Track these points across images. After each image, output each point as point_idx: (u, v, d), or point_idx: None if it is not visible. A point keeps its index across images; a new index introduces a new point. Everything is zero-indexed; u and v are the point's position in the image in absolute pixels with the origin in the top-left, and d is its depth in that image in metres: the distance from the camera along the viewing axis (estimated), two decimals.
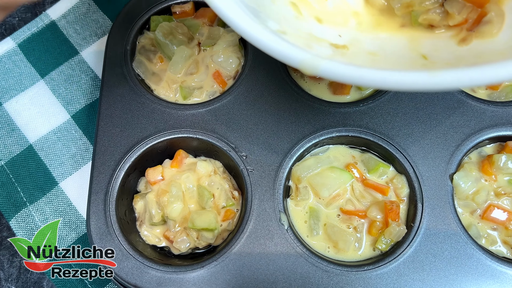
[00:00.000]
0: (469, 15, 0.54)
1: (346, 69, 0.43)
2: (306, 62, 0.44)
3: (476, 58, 0.49)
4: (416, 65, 0.51)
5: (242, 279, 0.64)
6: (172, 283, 0.66)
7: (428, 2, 0.57)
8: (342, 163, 0.72)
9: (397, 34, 0.59)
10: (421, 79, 0.40)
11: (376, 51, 0.54)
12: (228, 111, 0.75)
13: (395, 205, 0.67)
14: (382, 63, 0.52)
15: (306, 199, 0.70)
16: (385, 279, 0.64)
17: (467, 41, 0.53)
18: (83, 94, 0.88)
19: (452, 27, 0.55)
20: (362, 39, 0.57)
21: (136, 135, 0.74)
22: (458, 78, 0.39)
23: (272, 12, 0.54)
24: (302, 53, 0.45)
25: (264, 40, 0.47)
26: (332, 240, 0.67)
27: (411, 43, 0.57)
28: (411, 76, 0.41)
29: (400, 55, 0.54)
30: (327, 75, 0.44)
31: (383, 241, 0.66)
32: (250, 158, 0.72)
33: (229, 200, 0.72)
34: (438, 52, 0.53)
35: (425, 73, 0.40)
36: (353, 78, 0.43)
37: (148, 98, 0.77)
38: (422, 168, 0.70)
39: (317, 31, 0.55)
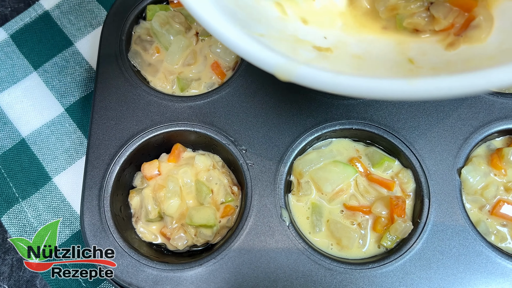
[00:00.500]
0: (455, 20, 0.52)
1: (322, 76, 0.41)
2: (281, 67, 0.42)
3: (465, 63, 0.48)
4: (401, 70, 0.49)
5: (242, 277, 0.63)
6: (169, 281, 0.64)
7: (413, 5, 0.54)
8: (345, 157, 0.71)
9: (383, 37, 0.57)
10: (399, 87, 0.38)
11: (361, 54, 0.53)
12: (227, 103, 0.73)
13: (401, 201, 0.66)
14: (366, 67, 0.50)
15: (308, 194, 0.68)
16: (390, 278, 0.62)
17: (455, 46, 0.51)
18: (78, 87, 0.87)
19: (438, 32, 0.53)
20: (348, 41, 0.55)
21: (132, 128, 0.72)
22: (438, 87, 0.37)
23: (254, 13, 0.52)
24: (278, 58, 0.43)
25: (237, 42, 0.44)
26: (335, 237, 0.65)
27: (398, 46, 0.55)
28: (388, 84, 0.38)
29: (386, 59, 0.52)
30: (302, 81, 0.42)
31: (388, 238, 0.65)
32: (250, 152, 0.70)
33: (228, 196, 0.70)
34: (426, 56, 0.52)
35: (404, 81, 0.38)
36: (329, 85, 0.41)
37: (144, 90, 0.75)
38: (428, 162, 0.68)
39: (302, 33, 0.54)
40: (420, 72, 0.47)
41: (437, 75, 0.39)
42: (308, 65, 0.42)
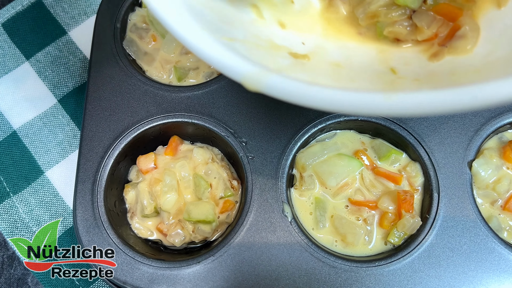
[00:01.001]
0: (439, 29, 0.50)
1: (292, 86, 0.37)
2: (249, 76, 0.39)
3: (450, 75, 0.45)
4: (383, 80, 0.46)
5: (242, 275, 0.61)
6: (165, 280, 0.62)
7: (394, 13, 0.51)
8: (350, 150, 0.69)
9: (364, 44, 0.54)
10: (375, 102, 0.35)
11: (341, 62, 0.50)
12: (226, 94, 0.71)
13: (409, 195, 0.64)
14: (345, 77, 0.47)
15: (311, 188, 0.66)
16: (398, 276, 0.60)
17: (439, 57, 0.49)
18: (71, 77, 0.85)
19: (421, 42, 0.51)
20: (327, 47, 0.53)
21: (127, 119, 0.70)
22: (418, 103, 0.33)
23: (226, 16, 0.49)
24: (246, 65, 0.39)
25: (199, 46, 0.41)
26: (339, 233, 0.64)
27: (380, 54, 0.52)
28: (363, 99, 0.35)
29: (367, 68, 0.50)
30: (271, 92, 0.38)
31: (395, 234, 0.63)
32: (250, 145, 0.68)
33: (227, 190, 0.68)
34: (409, 66, 0.49)
35: (381, 96, 0.35)
36: (299, 98, 0.37)
37: (140, 79, 0.73)
38: (438, 155, 0.66)
39: (278, 38, 0.51)
40: (402, 83, 0.44)
41: (418, 89, 0.35)
42: (280, 75, 0.39)
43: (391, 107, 0.34)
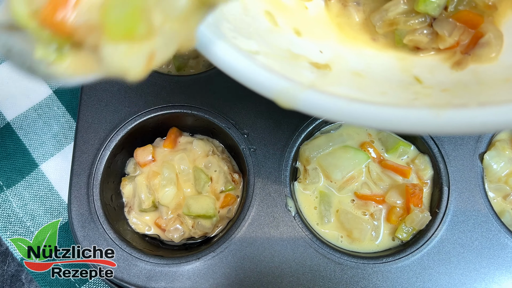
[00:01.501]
0: (461, 37, 0.49)
1: (331, 103, 0.35)
2: (282, 93, 0.36)
3: (478, 85, 0.43)
4: (409, 90, 0.44)
5: (243, 272, 0.59)
6: (163, 276, 0.60)
7: (414, 20, 0.50)
8: (356, 142, 0.67)
9: (382, 52, 0.53)
10: (424, 120, 0.33)
11: (361, 71, 0.48)
12: (227, 83, 0.64)
13: (418, 189, 0.62)
14: (369, 87, 0.45)
15: (316, 182, 0.65)
16: (406, 273, 0.59)
17: (462, 65, 0.48)
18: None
19: (442, 50, 0.50)
20: (345, 55, 0.51)
21: (124, 110, 0.68)
22: (469, 121, 0.32)
23: (242, 25, 0.46)
24: (278, 81, 0.37)
25: (228, 60, 0.38)
26: (345, 229, 0.62)
27: (400, 62, 0.51)
28: (411, 116, 0.33)
29: (390, 77, 0.48)
30: (307, 109, 0.36)
31: (404, 230, 0.61)
32: (252, 136, 0.66)
33: (228, 184, 0.65)
34: (433, 75, 0.48)
35: (428, 112, 0.33)
36: (339, 115, 0.35)
37: None
38: (448, 147, 0.65)
39: (296, 47, 0.49)
40: (431, 94, 0.43)
41: (462, 104, 0.34)
42: (314, 90, 0.37)
43: (441, 126, 0.32)
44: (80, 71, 0.32)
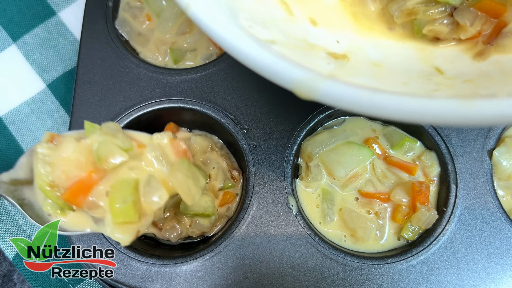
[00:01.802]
0: (483, 27, 0.48)
1: (353, 93, 0.34)
2: (301, 83, 0.35)
3: (503, 75, 0.42)
4: (430, 81, 0.43)
5: (243, 273, 0.58)
6: (160, 277, 0.58)
7: (434, 10, 0.48)
8: (360, 138, 0.66)
9: (400, 42, 0.52)
10: (452, 111, 0.32)
11: (380, 61, 0.48)
12: (226, 77, 0.67)
13: (425, 187, 0.61)
14: (388, 78, 0.44)
15: (318, 179, 0.63)
16: (412, 274, 0.57)
17: (485, 56, 0.47)
18: (61, 60, 0.80)
19: (463, 40, 0.49)
20: (362, 45, 0.51)
21: (119, 104, 0.66)
22: (501, 111, 0.30)
23: (258, 15, 0.45)
24: (297, 71, 0.36)
25: (246, 51, 0.37)
26: (349, 228, 0.61)
27: (419, 52, 0.50)
28: (439, 107, 0.32)
29: (409, 68, 0.47)
30: (327, 100, 0.35)
31: (409, 229, 0.60)
32: (252, 132, 0.64)
33: (227, 181, 0.63)
34: (455, 65, 0.47)
35: (457, 103, 0.32)
36: (361, 106, 0.34)
37: (133, 61, 0.69)
38: (455, 143, 0.63)
39: (312, 37, 0.48)
40: (454, 85, 0.42)
41: (491, 95, 0.33)
42: (334, 80, 0.36)
43: (470, 116, 0.31)
44: (78, 226, 0.45)
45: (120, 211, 0.43)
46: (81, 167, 0.44)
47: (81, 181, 0.43)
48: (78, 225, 0.45)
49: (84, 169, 0.44)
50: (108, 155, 0.44)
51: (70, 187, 0.43)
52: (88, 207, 0.45)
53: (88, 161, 0.45)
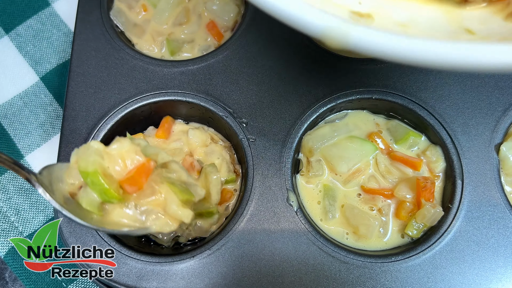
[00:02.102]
0: None
1: (389, 39, 0.33)
2: (333, 29, 0.34)
3: None
4: (464, 40, 0.43)
5: (241, 272, 0.56)
6: (155, 276, 0.56)
7: None
8: (363, 132, 0.64)
9: (424, 4, 0.50)
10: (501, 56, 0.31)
11: (406, 23, 0.46)
12: (224, 69, 0.66)
13: (430, 182, 0.59)
14: (418, 35, 0.44)
15: (319, 175, 0.62)
16: (417, 272, 0.56)
17: None
18: (55, 52, 0.79)
19: (493, 1, 0.47)
20: (386, 6, 0.49)
21: (113, 97, 0.65)
22: None
23: None
24: (328, 18, 0.35)
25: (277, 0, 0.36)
26: (351, 225, 0.60)
27: (447, 15, 0.48)
28: (488, 50, 0.31)
29: (438, 29, 0.46)
30: (360, 45, 0.34)
31: (414, 226, 0.59)
32: (251, 126, 0.63)
33: (230, 173, 0.62)
34: (485, 25, 0.46)
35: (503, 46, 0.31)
36: (397, 51, 0.33)
37: (129, 53, 0.68)
38: (461, 137, 0.62)
39: None
40: (489, 40, 0.41)
41: None
42: (368, 27, 0.35)
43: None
44: (117, 223, 0.47)
45: (183, 190, 0.48)
46: (133, 163, 0.47)
47: (142, 164, 0.47)
48: (118, 221, 0.47)
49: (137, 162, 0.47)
50: (156, 153, 0.47)
51: (131, 170, 0.46)
52: (144, 194, 0.47)
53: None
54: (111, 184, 0.45)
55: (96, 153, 0.46)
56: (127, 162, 0.47)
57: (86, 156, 0.46)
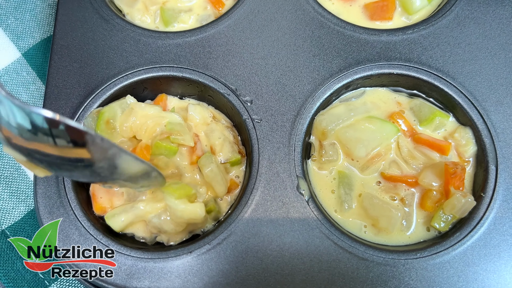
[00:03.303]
0: None
1: None
2: None
3: None
4: None
5: (245, 269, 0.53)
6: (147, 273, 0.53)
7: None
8: (383, 112, 0.62)
9: None
10: None
11: None
12: (226, 41, 0.63)
13: (460, 168, 0.56)
14: None
15: (334, 160, 0.59)
16: (445, 270, 0.52)
17: None
18: (38, 26, 0.75)
19: None
20: None
21: (101, 72, 0.62)
22: None
23: None
24: None
25: None
26: (370, 217, 0.57)
27: None
28: None
29: None
30: None
31: (441, 218, 0.56)
32: (256, 105, 0.60)
33: (234, 154, 0.58)
34: None
35: None
36: None
37: (118, 23, 0.64)
38: (495, 117, 0.59)
39: None
40: None
41: None
42: None
43: None
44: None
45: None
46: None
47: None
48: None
49: None
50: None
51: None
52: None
53: None
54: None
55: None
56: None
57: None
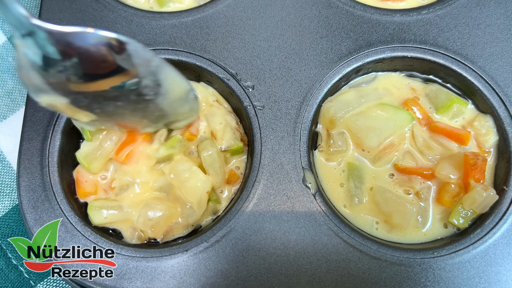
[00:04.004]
0: None
1: None
2: None
3: None
4: None
5: (246, 269, 0.50)
6: (139, 273, 0.50)
7: None
8: (396, 98, 0.59)
9: None
10: None
11: None
12: (226, 22, 0.60)
13: (481, 159, 0.53)
14: None
15: (343, 150, 0.57)
16: (466, 270, 0.50)
17: None
18: (26, 6, 0.70)
19: None
20: None
21: None
22: None
23: None
24: None
25: None
26: (382, 212, 0.55)
27: None
28: None
29: None
30: None
31: (460, 213, 0.53)
32: (258, 90, 0.57)
33: (236, 141, 0.55)
34: None
35: None
36: None
37: (109, 3, 0.61)
38: None
39: None
40: None
41: None
42: None
43: None
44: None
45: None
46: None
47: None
48: None
49: None
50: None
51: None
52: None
53: None
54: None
55: None
56: None
57: None
